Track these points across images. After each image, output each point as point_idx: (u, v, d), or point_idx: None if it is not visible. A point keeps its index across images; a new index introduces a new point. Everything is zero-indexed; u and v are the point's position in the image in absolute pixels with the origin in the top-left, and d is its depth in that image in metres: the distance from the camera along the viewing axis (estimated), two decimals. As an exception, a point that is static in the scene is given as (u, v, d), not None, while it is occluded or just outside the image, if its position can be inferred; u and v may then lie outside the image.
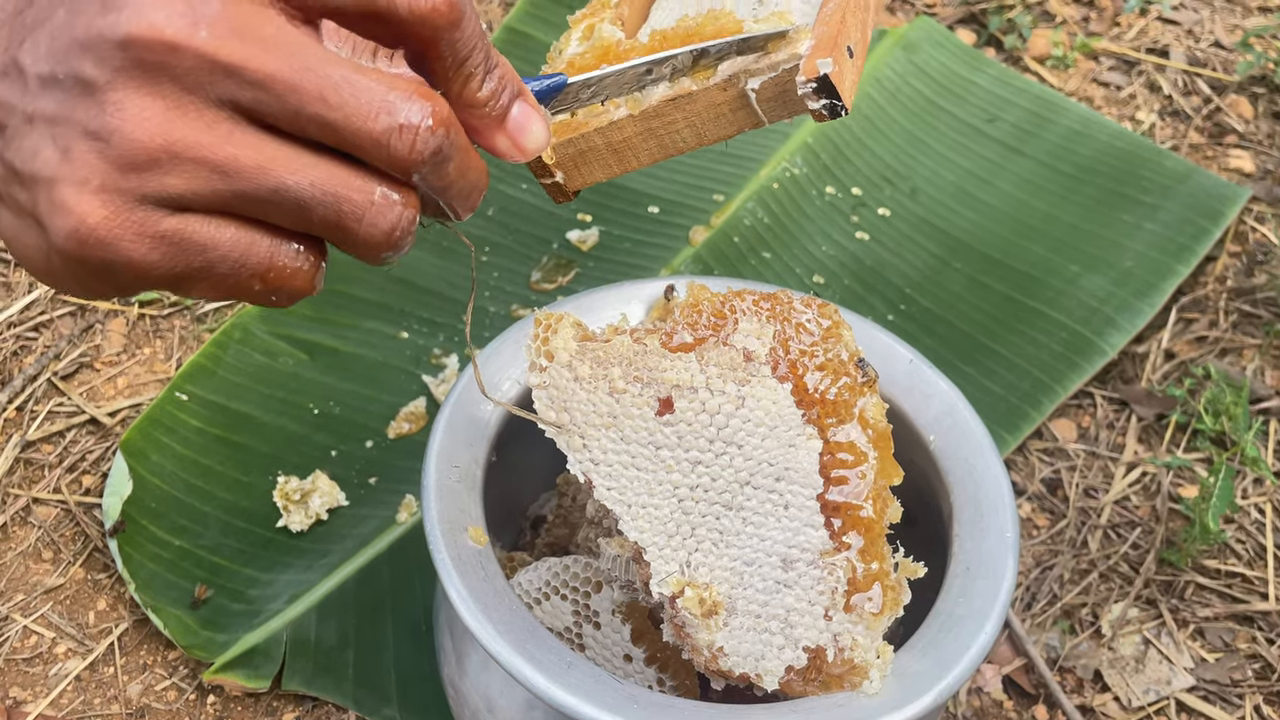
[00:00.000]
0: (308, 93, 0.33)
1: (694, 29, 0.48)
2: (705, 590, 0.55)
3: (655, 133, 0.49)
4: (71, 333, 0.97)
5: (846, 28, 0.46)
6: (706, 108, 0.47)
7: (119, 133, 0.32)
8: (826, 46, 0.45)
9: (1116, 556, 0.89)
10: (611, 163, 0.50)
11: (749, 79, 0.46)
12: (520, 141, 0.40)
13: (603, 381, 0.57)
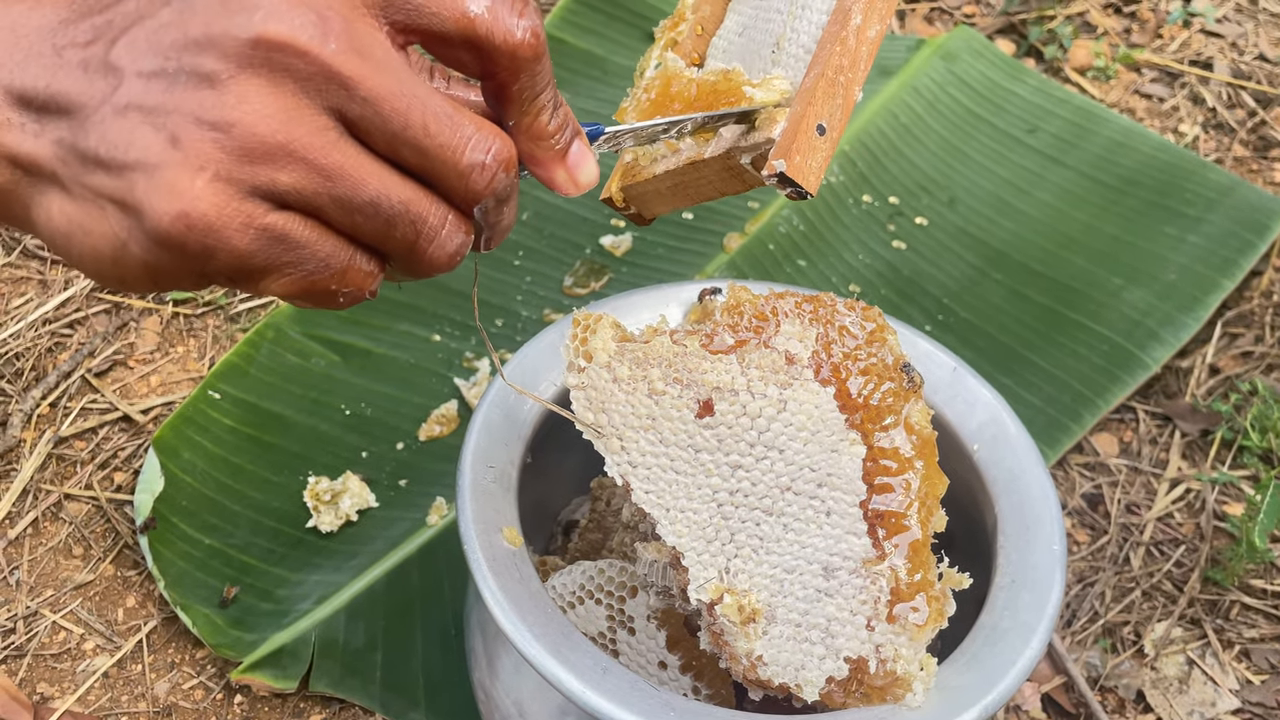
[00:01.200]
0: (412, 119, 0.35)
1: (715, 86, 0.52)
2: (744, 597, 0.53)
3: (686, 185, 0.53)
4: (106, 330, 0.97)
5: (816, 104, 0.48)
6: (719, 171, 0.51)
7: (240, 124, 0.33)
8: (790, 136, 0.48)
9: (1160, 574, 0.87)
10: (669, 201, 0.55)
11: (742, 155, 0.50)
12: (576, 177, 0.43)
13: (642, 383, 0.56)
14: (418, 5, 0.36)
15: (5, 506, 0.86)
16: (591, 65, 1.21)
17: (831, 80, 0.49)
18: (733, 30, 0.57)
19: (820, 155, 0.48)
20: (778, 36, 0.53)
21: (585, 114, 1.16)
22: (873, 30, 0.50)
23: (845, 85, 0.50)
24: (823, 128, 0.48)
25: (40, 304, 0.99)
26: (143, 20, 0.35)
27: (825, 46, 0.50)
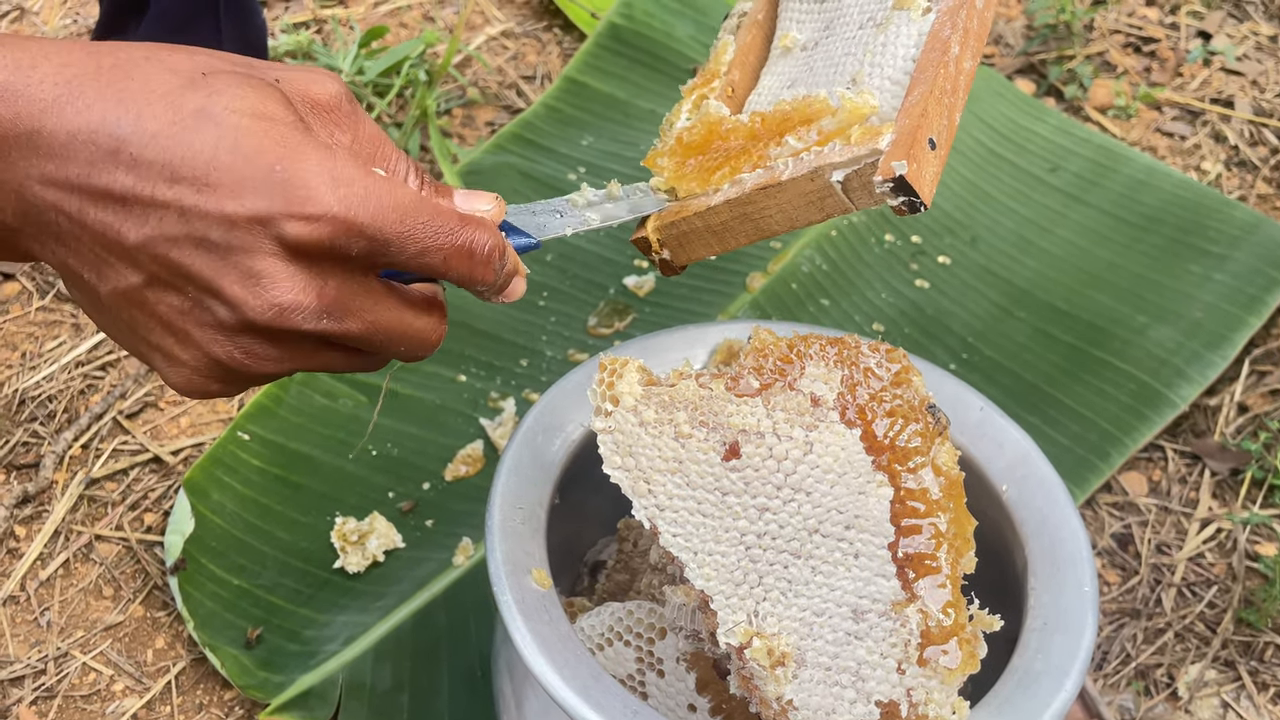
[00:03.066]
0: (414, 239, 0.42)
1: (789, 113, 0.52)
2: (774, 640, 0.53)
3: (750, 217, 0.52)
4: (137, 372, 0.99)
5: (929, 119, 0.47)
6: (795, 196, 0.50)
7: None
8: (904, 144, 0.46)
9: (1192, 616, 0.86)
10: (712, 243, 0.54)
11: (833, 171, 0.48)
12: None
13: (668, 426, 0.56)
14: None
15: (37, 548, 0.87)
16: (613, 109, 1.22)
17: (939, 99, 0.48)
18: (778, 86, 0.57)
19: (933, 169, 0.47)
20: (853, 74, 0.52)
21: (608, 156, 1.18)
22: (968, 63, 0.50)
23: (950, 107, 0.49)
24: (933, 142, 0.47)
25: (73, 347, 1.00)
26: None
27: (928, 69, 0.49)
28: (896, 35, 0.52)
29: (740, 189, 0.51)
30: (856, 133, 0.49)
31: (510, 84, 1.32)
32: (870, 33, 0.53)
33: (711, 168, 0.53)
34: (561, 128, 1.18)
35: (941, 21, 0.51)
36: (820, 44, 0.56)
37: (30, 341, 1.00)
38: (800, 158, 0.50)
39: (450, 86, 1.28)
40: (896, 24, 0.52)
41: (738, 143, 0.53)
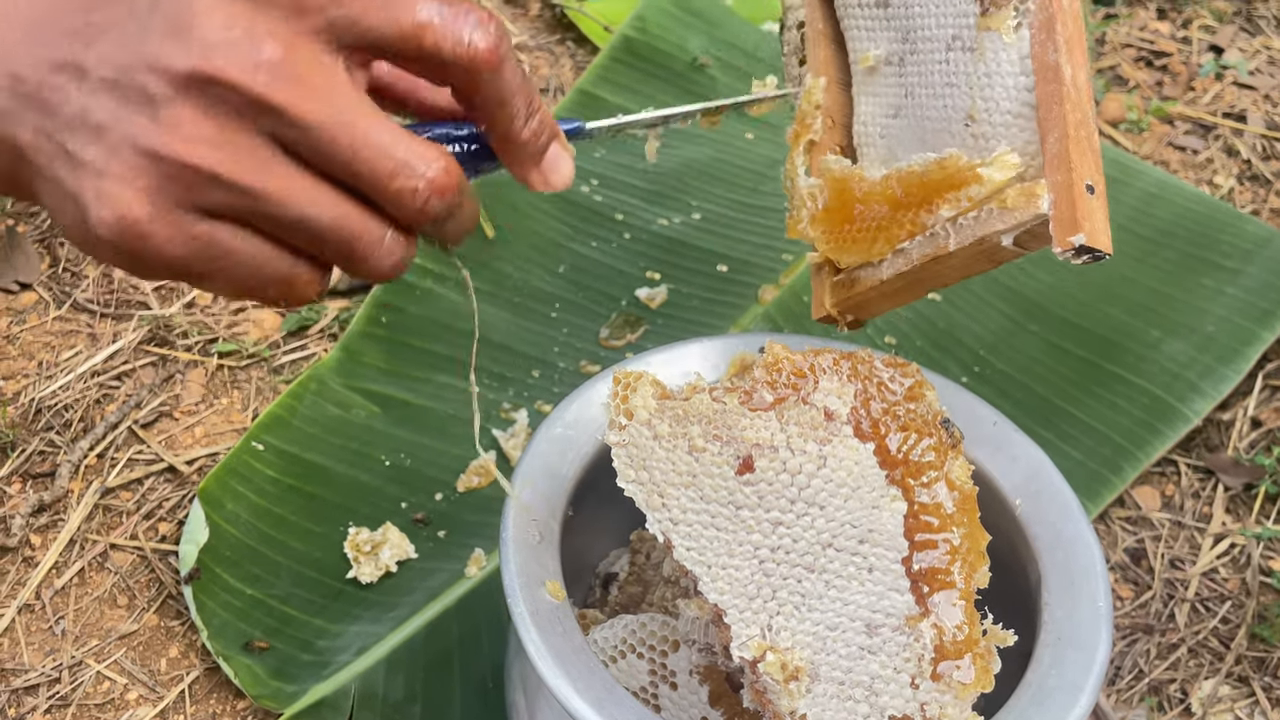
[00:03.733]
0: (341, 144, 0.37)
1: (930, 181, 0.51)
2: (787, 655, 0.53)
3: (922, 281, 0.53)
4: (152, 382, 0.99)
5: (1078, 167, 0.46)
6: (965, 259, 0.51)
7: (169, 148, 0.36)
8: (1066, 206, 0.46)
9: (1206, 631, 0.86)
10: (890, 303, 0.56)
11: (1003, 237, 0.49)
12: (550, 179, 0.45)
13: (682, 440, 0.57)
14: (362, 23, 0.38)
15: (53, 556, 0.87)
16: (627, 121, 1.23)
17: (1078, 139, 0.47)
18: (880, 113, 0.55)
19: (1101, 213, 0.47)
20: (966, 111, 0.51)
21: (621, 168, 1.18)
22: (1083, 76, 0.48)
23: (1089, 139, 0.47)
24: (1091, 187, 0.47)
25: (89, 356, 1.01)
26: (114, 28, 0.37)
27: (1051, 108, 0.47)
28: (998, 63, 0.50)
29: (908, 260, 0.52)
30: (1012, 195, 0.48)
31: (523, 96, 1.32)
32: (965, 58, 0.51)
33: (866, 239, 0.53)
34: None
35: (1041, 44, 0.49)
36: (907, 61, 0.54)
37: (47, 351, 1.01)
38: (959, 223, 0.50)
39: (464, 99, 1.29)
40: (993, 49, 0.50)
41: (882, 209, 0.52)
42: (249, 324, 1.05)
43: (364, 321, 1.00)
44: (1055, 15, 0.49)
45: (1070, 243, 0.46)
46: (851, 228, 0.54)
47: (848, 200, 0.53)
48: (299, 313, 1.05)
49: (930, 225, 0.51)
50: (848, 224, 0.54)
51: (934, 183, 0.51)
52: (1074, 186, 0.46)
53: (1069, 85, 0.47)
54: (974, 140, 0.51)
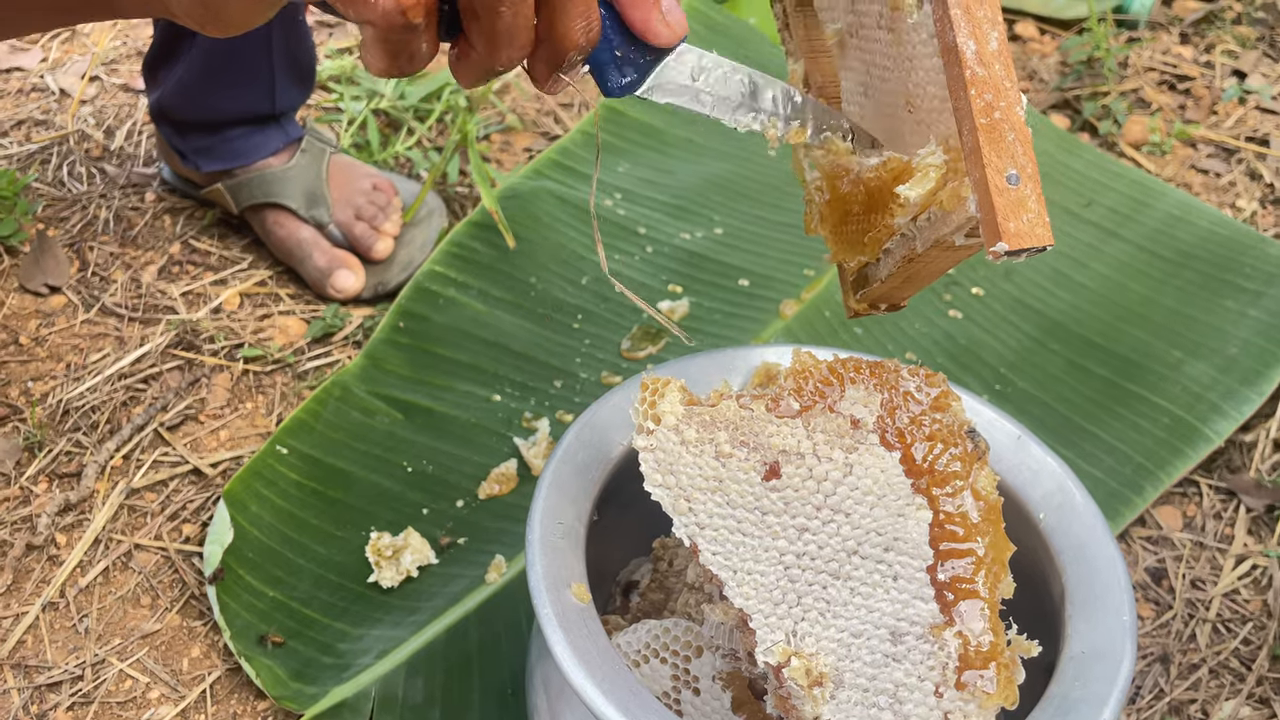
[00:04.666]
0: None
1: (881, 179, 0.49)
2: (812, 660, 0.54)
3: (915, 276, 0.52)
4: (179, 385, 1.00)
5: (991, 161, 0.43)
6: (935, 256, 0.49)
7: None
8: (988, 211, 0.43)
9: (1227, 652, 0.85)
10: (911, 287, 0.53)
11: (954, 236, 0.47)
12: (669, 19, 0.45)
13: (709, 445, 0.57)
14: None
15: (78, 555, 0.88)
16: (650, 136, 1.24)
17: (989, 126, 0.43)
18: (855, 91, 0.53)
19: (1029, 204, 0.43)
20: (906, 96, 0.48)
21: (644, 183, 1.19)
22: (992, 43, 0.44)
23: (1004, 119, 0.43)
24: (1013, 176, 0.43)
25: (117, 359, 1.02)
26: None
27: (957, 94, 0.44)
28: (913, 45, 0.47)
29: (894, 260, 0.50)
30: (945, 196, 0.46)
31: (548, 111, 1.34)
32: (889, 39, 0.48)
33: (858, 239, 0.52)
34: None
35: (939, 21, 0.45)
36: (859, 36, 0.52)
37: (75, 353, 1.02)
38: (919, 225, 0.48)
39: (489, 113, 1.30)
40: (906, 31, 0.47)
41: (862, 209, 0.51)
42: (274, 330, 1.06)
43: (388, 329, 1.01)
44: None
45: (997, 252, 0.42)
46: (848, 226, 0.52)
47: (840, 196, 0.51)
48: (324, 319, 1.06)
49: (897, 227, 0.49)
50: (845, 222, 0.52)
51: (885, 186, 0.49)
52: (989, 183, 0.42)
53: (972, 64, 0.43)
54: (917, 127, 0.48)
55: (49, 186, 1.17)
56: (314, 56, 1.07)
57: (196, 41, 0.99)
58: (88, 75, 1.30)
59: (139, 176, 1.19)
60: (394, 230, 1.09)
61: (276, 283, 1.10)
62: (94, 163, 1.20)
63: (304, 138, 1.09)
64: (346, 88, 1.28)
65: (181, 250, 1.12)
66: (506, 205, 1.09)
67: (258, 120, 1.06)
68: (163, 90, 1.05)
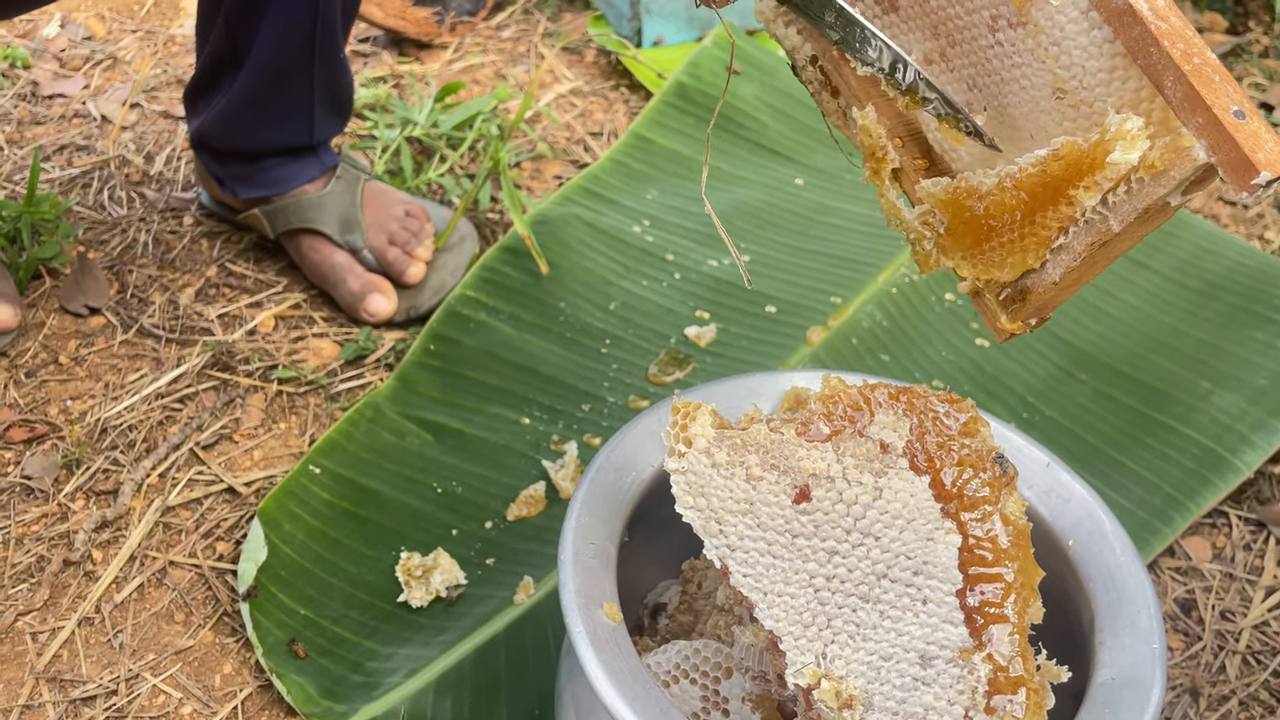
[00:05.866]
0: None
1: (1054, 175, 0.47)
2: (841, 683, 0.54)
3: (1094, 261, 0.49)
4: (214, 406, 1.02)
5: (1216, 97, 0.42)
6: (1132, 229, 0.47)
7: None
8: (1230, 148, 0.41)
9: (1257, 684, 0.85)
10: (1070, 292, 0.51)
11: (1172, 195, 0.45)
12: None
13: (740, 468, 0.58)
14: None
15: (113, 572, 0.89)
16: (678, 164, 1.25)
17: (1195, 71, 0.42)
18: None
19: (1264, 133, 0.42)
20: (1050, 86, 0.46)
21: (672, 210, 1.20)
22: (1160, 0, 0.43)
23: (1204, 63, 0.42)
24: (1239, 111, 0.42)
25: (154, 379, 1.04)
26: None
27: (1148, 52, 0.43)
28: (1059, 28, 0.45)
29: (1074, 254, 0.48)
30: (1156, 155, 0.44)
31: (578, 139, 1.35)
32: (1018, 35, 0.47)
33: (1015, 249, 0.49)
34: (627, 181, 1.22)
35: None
36: (950, 55, 0.50)
37: (113, 373, 1.04)
38: (1111, 202, 0.46)
39: (520, 140, 1.33)
40: (1045, 16, 0.46)
41: (1015, 217, 0.48)
42: (308, 352, 1.08)
43: (419, 352, 1.02)
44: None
45: (1256, 184, 0.41)
46: (991, 243, 0.49)
47: (970, 218, 0.49)
48: (357, 342, 1.07)
49: (1079, 215, 0.47)
50: (984, 240, 0.49)
51: (1059, 177, 0.46)
52: (1222, 123, 0.41)
53: (1152, 19, 0.42)
54: (1074, 112, 0.46)
55: (90, 210, 1.20)
56: (352, 90, 1.09)
57: (239, 75, 1.02)
58: (129, 102, 1.33)
59: (178, 201, 1.21)
60: (426, 255, 1.11)
61: (311, 306, 1.12)
62: (134, 187, 1.23)
63: (339, 165, 1.12)
64: (381, 115, 1.30)
65: (218, 273, 1.14)
66: (537, 231, 1.11)
67: (295, 151, 1.09)
68: (203, 120, 1.07)
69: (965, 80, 0.51)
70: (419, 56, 1.44)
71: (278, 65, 1.00)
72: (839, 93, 0.56)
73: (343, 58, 1.05)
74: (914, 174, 0.53)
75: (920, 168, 0.53)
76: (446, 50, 1.45)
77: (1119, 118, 0.45)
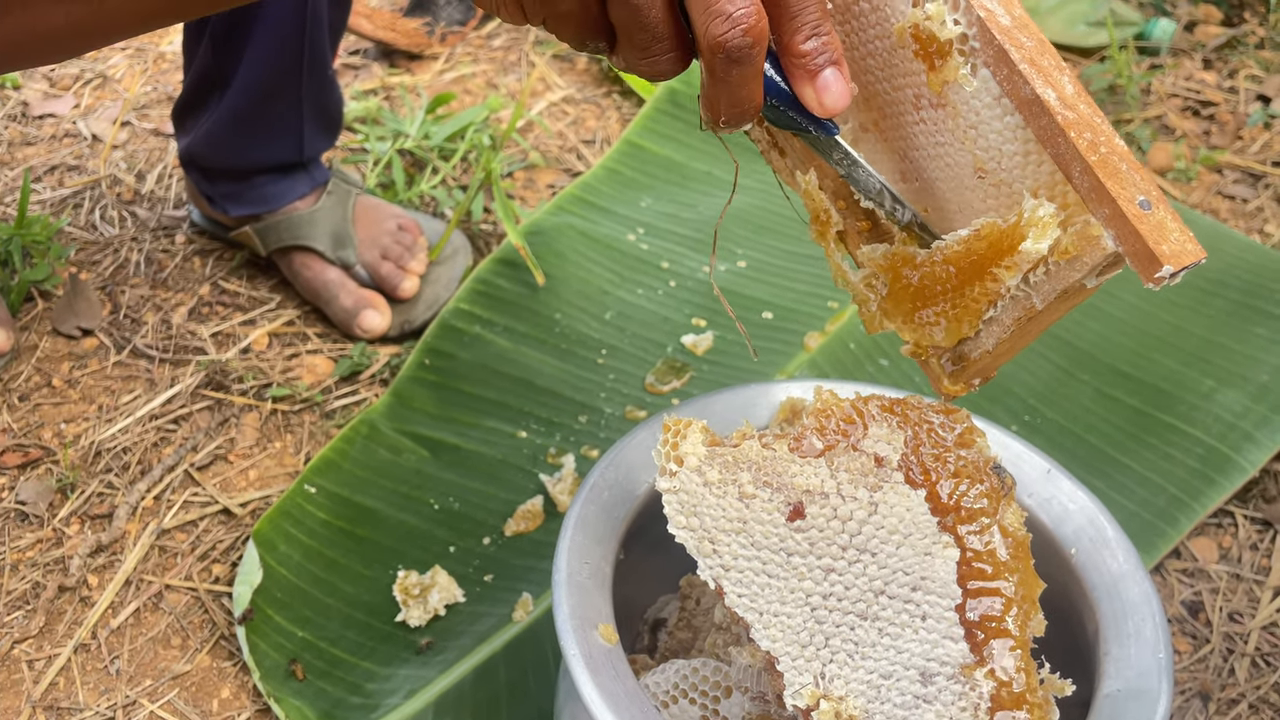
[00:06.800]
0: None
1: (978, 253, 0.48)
2: (841, 703, 0.53)
3: (1029, 331, 0.51)
4: (208, 426, 1.01)
5: (1121, 189, 0.43)
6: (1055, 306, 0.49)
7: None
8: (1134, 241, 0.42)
9: (1266, 686, 0.83)
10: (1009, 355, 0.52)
11: (1087, 278, 0.47)
12: (823, 99, 0.46)
13: (732, 486, 0.57)
14: None
15: (109, 597, 0.89)
16: (671, 170, 1.25)
17: (1101, 162, 0.43)
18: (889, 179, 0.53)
19: (1169, 224, 0.43)
20: (971, 165, 0.48)
21: (666, 217, 1.20)
22: (1068, 87, 0.44)
23: (1111, 152, 0.43)
24: (1144, 202, 0.42)
25: (148, 400, 1.03)
26: None
27: (1054, 142, 0.44)
28: (975, 112, 0.47)
29: (1003, 327, 0.50)
30: (1069, 241, 0.45)
31: (571, 148, 1.35)
32: (939, 115, 0.48)
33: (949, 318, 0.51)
34: (621, 189, 1.21)
35: (1007, 80, 0.45)
36: (882, 126, 0.52)
37: (107, 395, 1.04)
38: (1033, 281, 0.47)
39: (512, 150, 1.32)
40: (961, 100, 0.47)
41: (946, 287, 0.50)
42: (302, 369, 1.07)
43: (414, 367, 1.01)
44: (1003, 42, 0.44)
45: (1160, 277, 0.42)
46: (927, 310, 0.51)
47: (907, 285, 0.51)
48: (351, 358, 1.07)
49: (1004, 291, 0.48)
50: (921, 307, 0.51)
51: (983, 254, 0.48)
52: (1127, 215, 0.42)
53: (1059, 109, 0.43)
54: (996, 190, 0.47)
55: (82, 231, 1.19)
56: (342, 105, 1.09)
57: (226, 94, 1.01)
58: (119, 120, 1.33)
59: (169, 219, 1.21)
60: (420, 269, 1.10)
61: (304, 322, 1.11)
62: (125, 206, 1.22)
63: (330, 180, 1.11)
64: (372, 128, 1.30)
65: (211, 291, 1.13)
66: (531, 242, 1.10)
67: (286, 168, 1.08)
68: (192, 139, 1.07)
69: (897, 152, 0.52)
70: (409, 68, 1.43)
71: (265, 85, 0.99)
72: (785, 153, 0.57)
73: (331, 74, 1.04)
74: (857, 236, 0.54)
75: (863, 229, 0.54)
76: (437, 61, 1.45)
77: (1033, 203, 0.46)
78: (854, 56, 0.51)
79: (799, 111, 0.48)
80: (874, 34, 0.49)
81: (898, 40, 0.48)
